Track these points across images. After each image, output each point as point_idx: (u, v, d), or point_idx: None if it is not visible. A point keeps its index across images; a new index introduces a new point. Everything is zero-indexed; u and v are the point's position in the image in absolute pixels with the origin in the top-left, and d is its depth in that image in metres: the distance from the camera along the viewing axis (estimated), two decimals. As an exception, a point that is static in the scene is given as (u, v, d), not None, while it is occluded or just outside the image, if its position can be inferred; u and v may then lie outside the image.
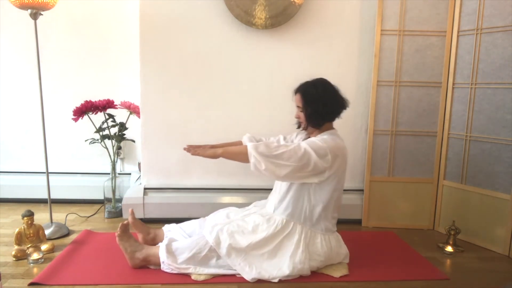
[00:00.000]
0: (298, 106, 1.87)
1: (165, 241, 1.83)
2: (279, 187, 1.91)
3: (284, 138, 2.08)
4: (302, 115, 1.86)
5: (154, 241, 2.04)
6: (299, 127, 1.97)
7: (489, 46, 2.21)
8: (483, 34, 2.23)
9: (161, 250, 1.78)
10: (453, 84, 2.38)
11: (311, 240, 1.80)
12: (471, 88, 2.30)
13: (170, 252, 1.78)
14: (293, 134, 2.09)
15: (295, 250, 1.76)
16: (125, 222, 1.88)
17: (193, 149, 1.84)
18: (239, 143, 2.06)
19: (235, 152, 1.80)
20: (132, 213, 2.03)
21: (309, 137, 1.92)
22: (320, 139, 1.78)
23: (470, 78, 2.29)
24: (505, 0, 2.13)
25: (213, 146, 1.99)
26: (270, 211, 1.89)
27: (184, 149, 1.86)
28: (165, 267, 1.78)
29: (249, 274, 1.73)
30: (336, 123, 2.58)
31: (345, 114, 2.56)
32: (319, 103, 1.81)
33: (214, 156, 1.81)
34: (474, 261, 2.08)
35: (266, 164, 1.69)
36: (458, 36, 2.34)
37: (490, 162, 2.22)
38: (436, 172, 2.47)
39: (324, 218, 1.83)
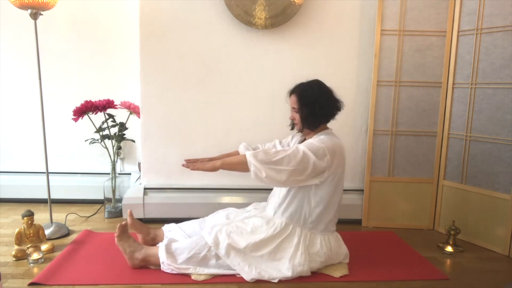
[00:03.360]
0: (293, 108, 1.87)
1: (164, 242, 1.83)
2: (279, 190, 1.90)
3: (280, 143, 2.07)
4: (297, 116, 1.85)
5: (154, 241, 2.03)
6: (292, 128, 1.96)
7: (489, 46, 2.21)
8: (483, 34, 2.23)
9: (160, 250, 1.78)
10: (453, 84, 2.38)
11: (311, 242, 1.80)
12: (471, 88, 2.30)
13: (169, 252, 1.78)
14: (288, 137, 2.08)
15: (295, 253, 1.76)
16: (124, 223, 1.87)
17: (192, 164, 1.83)
18: (236, 153, 2.05)
19: (234, 163, 1.79)
20: (131, 214, 2.03)
21: (304, 139, 1.92)
22: (317, 140, 1.78)
23: (470, 78, 2.29)
24: (505, 0, 2.13)
25: (211, 159, 1.98)
26: (270, 214, 1.89)
27: (183, 165, 1.85)
28: (165, 267, 1.77)
29: (248, 274, 1.73)
30: (336, 123, 2.59)
31: (345, 114, 2.58)
32: (315, 105, 1.81)
33: (214, 169, 1.79)
34: (474, 261, 2.08)
35: (266, 171, 1.69)
36: (458, 36, 2.34)
37: (490, 162, 2.22)
38: (436, 172, 2.47)
39: (324, 220, 1.82)
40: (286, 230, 1.79)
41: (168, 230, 2.06)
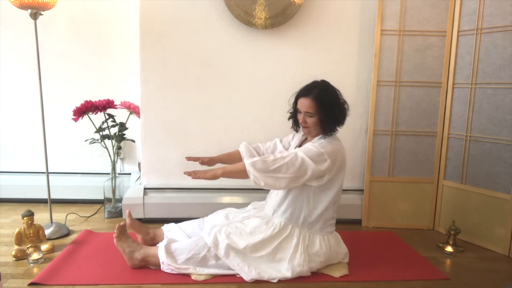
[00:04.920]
0: (307, 112, 1.77)
1: (164, 242, 1.83)
2: (277, 190, 1.90)
3: (281, 141, 2.06)
4: (312, 120, 1.78)
5: (153, 241, 2.03)
6: (296, 130, 1.94)
7: (489, 46, 2.21)
8: (483, 34, 2.23)
9: (160, 250, 1.78)
10: (453, 84, 2.38)
11: (310, 242, 1.80)
12: (471, 88, 2.30)
13: (169, 252, 1.78)
14: (289, 136, 2.07)
15: (294, 254, 1.76)
16: (122, 223, 1.87)
17: (194, 173, 1.81)
18: (237, 153, 2.05)
19: (234, 171, 1.79)
20: (130, 215, 2.02)
21: (306, 139, 1.91)
22: (317, 145, 1.75)
23: (470, 78, 2.29)
24: (505, 0, 2.13)
25: (211, 159, 2.00)
26: (269, 214, 1.89)
27: (185, 172, 1.82)
28: (165, 267, 1.77)
29: (248, 274, 1.73)
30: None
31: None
32: (334, 109, 1.77)
33: (215, 178, 1.78)
34: (474, 261, 2.08)
35: (265, 180, 1.71)
36: (458, 36, 2.34)
37: (490, 162, 2.22)
38: (436, 172, 2.47)
39: (323, 220, 1.82)
40: (285, 231, 1.79)
41: (168, 229, 2.06)
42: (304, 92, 1.80)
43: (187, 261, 1.76)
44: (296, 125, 1.92)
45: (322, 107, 1.75)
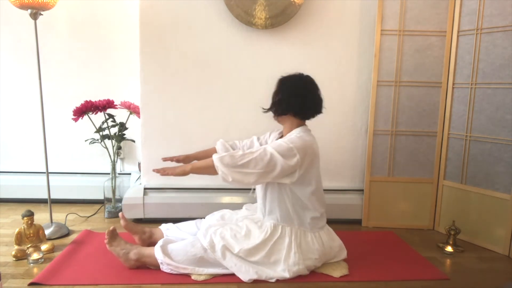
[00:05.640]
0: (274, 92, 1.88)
1: (159, 243, 1.82)
2: (259, 192, 1.90)
3: (258, 139, 2.07)
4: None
5: (151, 239, 2.03)
6: (266, 111, 1.95)
7: (489, 46, 2.21)
8: (483, 34, 2.23)
9: (156, 251, 1.78)
10: (453, 84, 2.38)
11: (302, 240, 1.80)
12: (471, 88, 2.30)
13: (166, 253, 1.77)
14: (266, 134, 2.08)
15: (288, 253, 1.76)
16: (111, 228, 1.87)
17: (162, 170, 1.81)
18: (213, 150, 2.05)
19: (203, 167, 1.78)
20: (123, 217, 2.00)
21: (281, 136, 1.91)
22: (287, 140, 1.75)
23: (470, 78, 2.29)
24: (505, 0, 2.13)
25: (186, 157, 2.00)
26: (260, 217, 1.90)
27: (153, 170, 1.82)
28: (164, 267, 1.77)
29: (245, 274, 1.73)
30: (337, 123, 2.61)
31: (345, 114, 2.60)
32: (289, 92, 1.81)
33: (184, 174, 1.78)
34: (474, 261, 2.08)
35: (233, 175, 1.69)
36: (458, 36, 2.34)
37: (490, 162, 2.22)
38: (436, 172, 2.47)
39: (310, 215, 1.82)
40: (275, 233, 1.79)
41: (166, 228, 2.07)
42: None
43: (185, 262, 1.76)
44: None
45: (281, 88, 1.83)
